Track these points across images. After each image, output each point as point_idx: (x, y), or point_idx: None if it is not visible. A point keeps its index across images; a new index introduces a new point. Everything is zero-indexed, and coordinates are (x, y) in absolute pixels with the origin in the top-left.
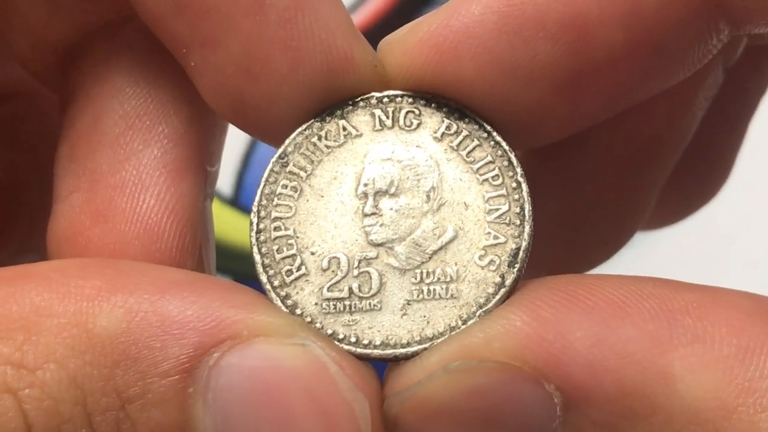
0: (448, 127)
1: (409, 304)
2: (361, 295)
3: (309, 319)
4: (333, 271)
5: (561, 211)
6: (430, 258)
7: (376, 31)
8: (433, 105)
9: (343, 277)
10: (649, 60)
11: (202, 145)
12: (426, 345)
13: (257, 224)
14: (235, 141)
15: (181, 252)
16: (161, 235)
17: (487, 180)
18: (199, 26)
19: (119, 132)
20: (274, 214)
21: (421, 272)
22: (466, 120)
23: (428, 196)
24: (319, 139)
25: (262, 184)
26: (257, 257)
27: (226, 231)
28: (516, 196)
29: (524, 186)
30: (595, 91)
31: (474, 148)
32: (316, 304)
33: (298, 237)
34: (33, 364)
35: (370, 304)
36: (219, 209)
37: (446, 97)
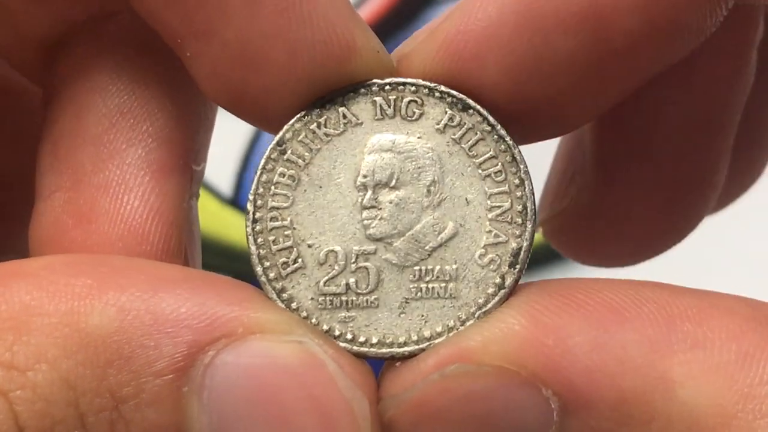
0: (450, 119)
1: (407, 302)
2: (358, 291)
3: (305, 315)
4: (330, 265)
5: (640, 190)
6: (429, 255)
7: (376, 31)
8: (436, 95)
9: (341, 272)
10: (666, 40)
11: (187, 144)
12: (423, 345)
13: (253, 214)
14: (235, 142)
15: (166, 253)
16: (145, 237)
17: (489, 176)
18: (193, 17)
19: (102, 130)
20: (270, 204)
21: (420, 270)
22: (470, 112)
23: (429, 191)
24: (318, 126)
25: (259, 171)
26: (253, 248)
27: (226, 231)
28: (519, 194)
29: (527, 183)
30: (615, 76)
31: (477, 142)
32: (312, 299)
33: (295, 228)
34: (24, 365)
35: (367, 300)
36: (219, 209)
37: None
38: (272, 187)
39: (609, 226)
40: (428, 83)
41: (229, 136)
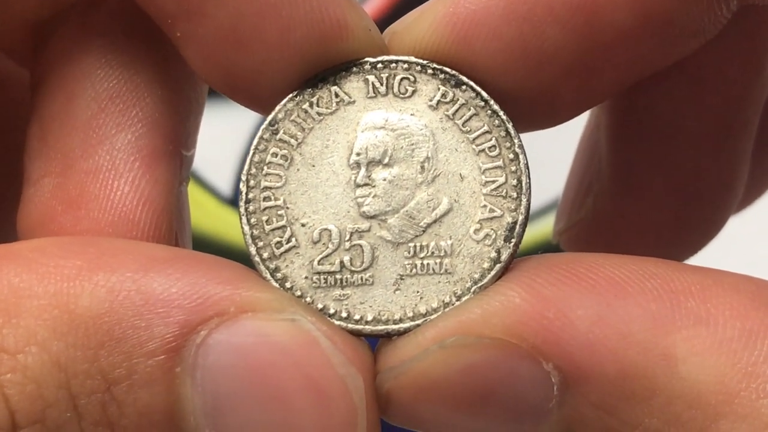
0: (443, 95)
1: (402, 278)
2: (352, 268)
3: (299, 293)
4: (324, 243)
5: (658, 197)
6: (423, 231)
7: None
8: (428, 71)
9: (335, 250)
10: (658, 37)
11: (177, 129)
12: (419, 321)
13: (246, 194)
14: (234, 141)
15: (156, 240)
16: (136, 223)
17: (483, 151)
18: None
19: (91, 115)
20: (263, 184)
21: (415, 246)
22: (463, 88)
23: (423, 167)
24: (311, 106)
25: (252, 152)
26: (246, 228)
27: (226, 231)
28: (513, 168)
29: (522, 157)
30: (605, 70)
31: (470, 117)
32: (306, 277)
33: (288, 208)
34: (14, 348)
35: (361, 278)
36: (219, 209)
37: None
38: (265, 167)
39: (628, 235)
40: (420, 60)
41: (228, 136)
